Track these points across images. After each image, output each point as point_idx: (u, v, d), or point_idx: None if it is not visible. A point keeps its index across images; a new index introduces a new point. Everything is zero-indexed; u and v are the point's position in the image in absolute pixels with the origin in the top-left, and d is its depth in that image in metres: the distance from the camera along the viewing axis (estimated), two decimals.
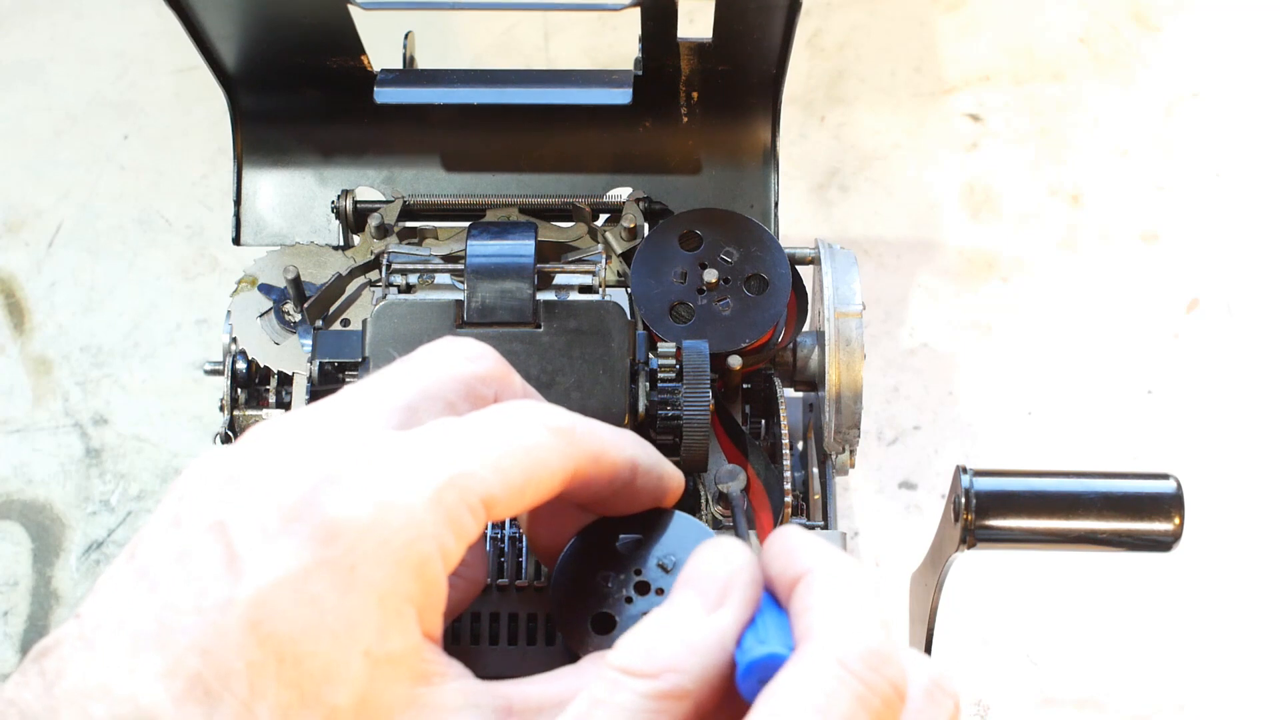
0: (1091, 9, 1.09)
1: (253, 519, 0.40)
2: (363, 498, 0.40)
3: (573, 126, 0.70)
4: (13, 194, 1.03)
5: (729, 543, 0.41)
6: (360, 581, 0.40)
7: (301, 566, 0.39)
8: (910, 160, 1.04)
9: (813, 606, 0.39)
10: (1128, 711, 0.87)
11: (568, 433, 0.44)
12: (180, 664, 0.39)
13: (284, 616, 0.39)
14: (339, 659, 0.39)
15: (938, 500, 0.92)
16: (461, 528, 0.42)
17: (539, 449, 0.43)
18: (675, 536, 0.50)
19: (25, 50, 1.08)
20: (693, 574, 0.41)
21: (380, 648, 0.40)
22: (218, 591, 0.39)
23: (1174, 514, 0.55)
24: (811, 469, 0.63)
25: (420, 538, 0.40)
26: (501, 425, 0.43)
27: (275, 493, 0.40)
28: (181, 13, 0.63)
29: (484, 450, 0.42)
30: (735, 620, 0.40)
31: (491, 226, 0.63)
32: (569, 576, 0.49)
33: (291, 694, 0.39)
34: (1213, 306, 0.99)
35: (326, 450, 0.41)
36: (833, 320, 0.62)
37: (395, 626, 0.40)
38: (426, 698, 0.41)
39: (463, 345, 0.46)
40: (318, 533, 0.40)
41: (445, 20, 1.08)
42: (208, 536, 0.40)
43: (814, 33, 1.08)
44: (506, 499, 0.43)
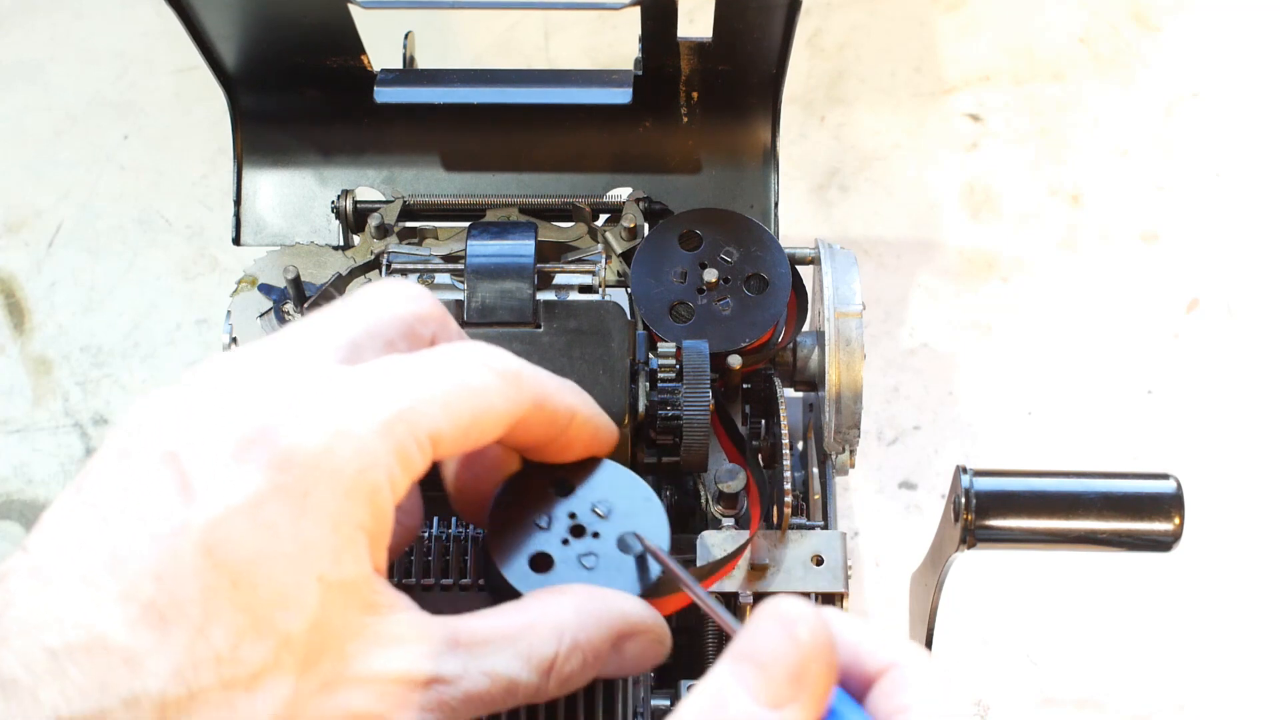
0: (1091, 9, 1.09)
1: (206, 448, 0.40)
2: (316, 427, 0.40)
3: (573, 126, 0.70)
4: (13, 194, 1.03)
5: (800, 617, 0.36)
6: (314, 508, 0.40)
7: (256, 493, 0.40)
8: (910, 160, 1.04)
9: (910, 708, 0.37)
10: (1128, 711, 0.87)
11: (514, 376, 0.45)
12: (134, 590, 0.39)
13: (238, 542, 0.39)
14: (292, 584, 0.40)
15: (938, 500, 0.92)
16: (409, 462, 0.42)
17: (486, 391, 0.44)
18: (607, 483, 0.50)
19: (25, 50, 1.08)
20: (756, 650, 0.37)
21: (333, 573, 0.40)
22: (171, 518, 0.39)
23: (1174, 514, 0.55)
24: (811, 469, 0.63)
25: (371, 466, 0.41)
26: (451, 365, 0.44)
27: (229, 422, 0.40)
28: (181, 13, 0.63)
29: (433, 388, 0.43)
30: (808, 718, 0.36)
31: (491, 226, 0.63)
32: (504, 517, 0.49)
33: (245, 618, 0.39)
34: (1213, 306, 0.99)
35: (278, 382, 0.42)
36: (833, 320, 0.62)
37: (348, 552, 0.41)
38: (377, 627, 0.41)
39: (402, 286, 0.46)
40: (272, 460, 0.40)
41: (445, 20, 1.08)
42: (160, 466, 0.40)
43: (814, 33, 1.08)
44: (452, 437, 0.43)
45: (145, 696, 0.38)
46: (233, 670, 0.39)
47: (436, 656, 0.42)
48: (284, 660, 0.40)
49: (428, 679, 0.42)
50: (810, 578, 0.56)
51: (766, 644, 0.36)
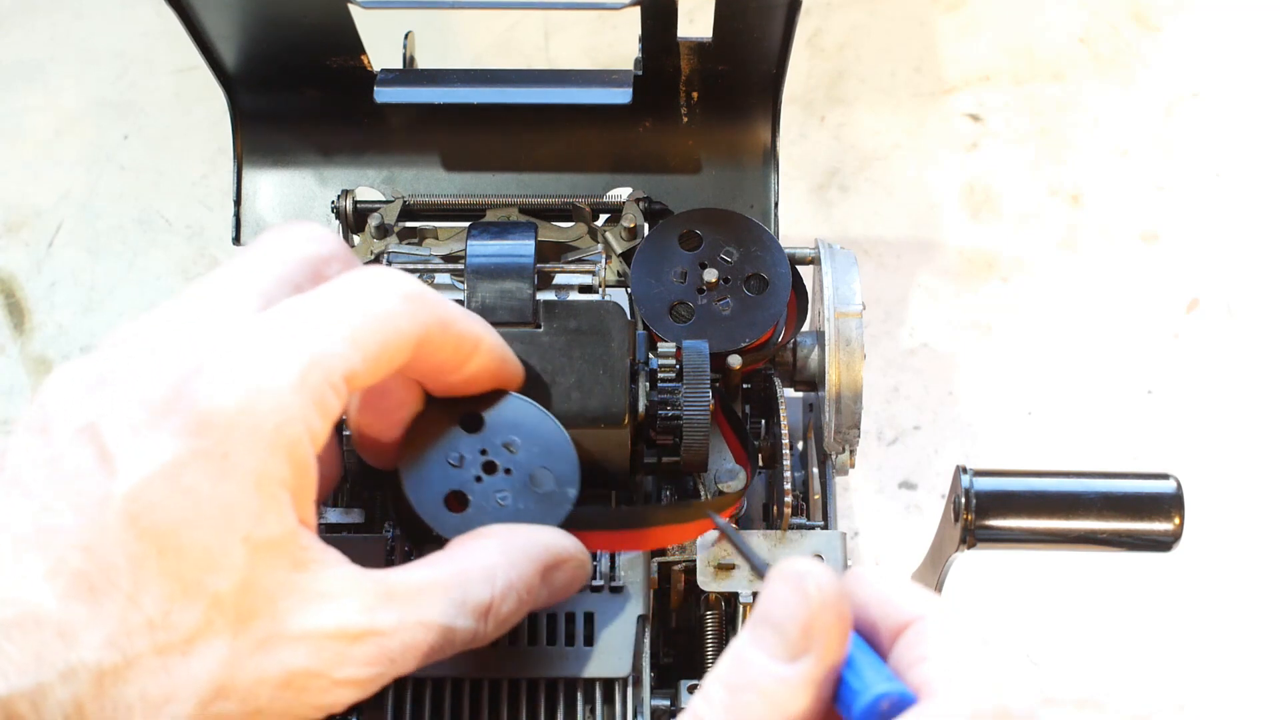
0: (1091, 9, 1.09)
1: (122, 417, 0.40)
2: (229, 386, 0.41)
3: (573, 126, 0.70)
4: (13, 194, 1.03)
5: (808, 570, 0.38)
6: (234, 469, 0.40)
7: (175, 458, 0.40)
8: (910, 160, 1.04)
9: (930, 656, 0.38)
10: (1128, 711, 0.87)
11: (417, 297, 0.45)
12: (63, 563, 0.39)
13: (161, 508, 0.40)
14: (218, 546, 0.40)
15: (938, 500, 0.92)
16: (326, 407, 0.42)
17: (392, 316, 0.44)
18: (515, 417, 0.51)
19: (25, 50, 1.08)
20: (770, 610, 0.38)
21: (259, 533, 0.41)
22: (94, 489, 0.40)
23: (1174, 514, 0.55)
24: (811, 469, 0.63)
25: (289, 420, 0.41)
26: (354, 295, 0.44)
27: (142, 389, 0.41)
28: (181, 13, 0.63)
29: (340, 324, 0.43)
30: (825, 669, 0.37)
31: (491, 226, 0.63)
32: (415, 456, 0.50)
33: (174, 584, 0.40)
34: (1213, 306, 0.99)
35: (189, 343, 0.42)
36: (833, 320, 0.62)
37: (272, 511, 0.41)
38: (308, 583, 0.42)
39: (303, 228, 0.47)
40: (188, 424, 0.40)
41: (445, 20, 1.08)
42: (78, 439, 0.40)
43: (814, 33, 1.08)
44: (365, 370, 0.43)
45: (82, 667, 0.39)
46: (166, 635, 0.40)
47: (371, 609, 0.43)
48: (216, 622, 0.40)
49: (363, 631, 0.42)
50: None
51: (778, 603, 0.37)
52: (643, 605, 0.54)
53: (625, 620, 0.53)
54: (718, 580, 0.56)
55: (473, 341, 0.48)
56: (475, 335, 0.48)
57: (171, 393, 0.41)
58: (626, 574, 0.54)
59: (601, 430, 0.55)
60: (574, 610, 0.53)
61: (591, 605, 0.54)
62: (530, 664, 0.53)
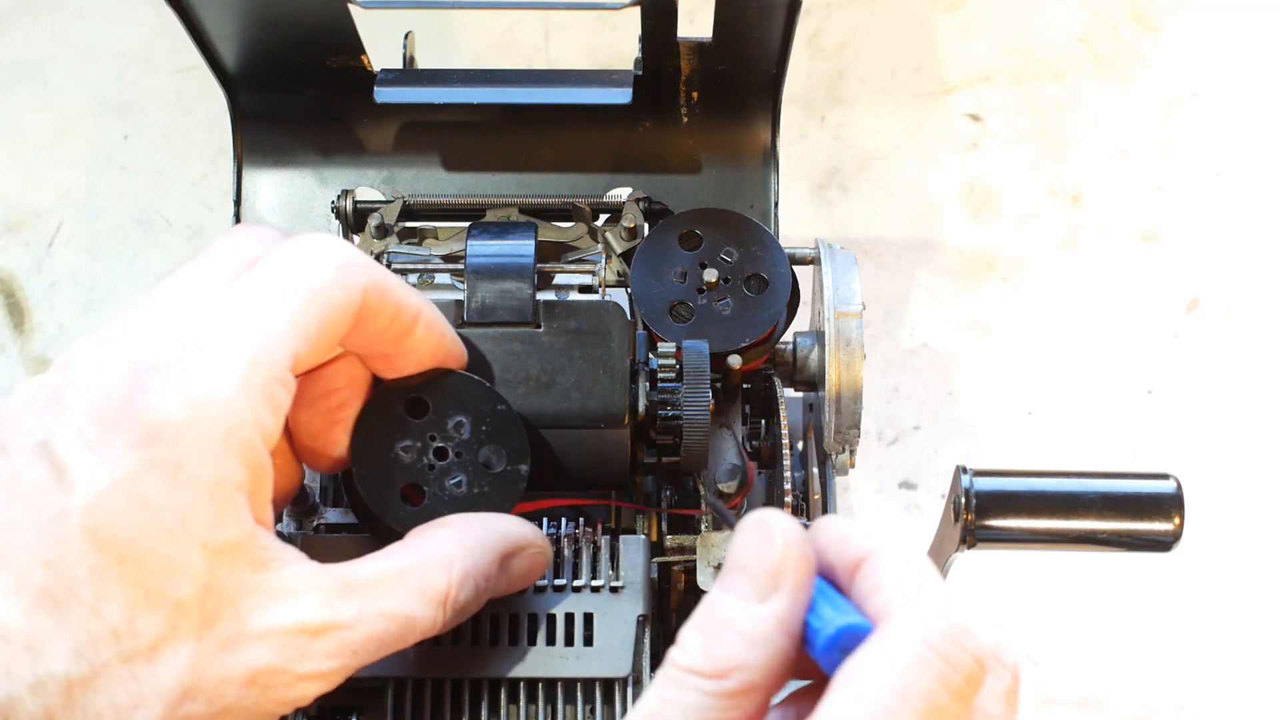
0: (1091, 9, 1.09)
1: (73, 432, 0.41)
2: (176, 396, 0.41)
3: (573, 126, 0.70)
4: (13, 194, 1.03)
5: (771, 520, 0.40)
6: (187, 477, 0.41)
7: (128, 470, 0.41)
8: (910, 160, 1.04)
9: (884, 585, 0.39)
10: (1128, 711, 0.87)
11: (351, 265, 0.45)
12: (25, 579, 0.40)
13: (119, 520, 0.40)
14: (177, 554, 0.41)
15: (938, 500, 0.92)
16: (275, 402, 0.43)
17: (328, 289, 0.45)
18: (458, 396, 0.51)
19: (25, 50, 1.08)
20: (739, 558, 0.40)
21: (216, 538, 0.41)
22: (51, 505, 0.40)
23: (1174, 514, 0.55)
24: (811, 469, 0.63)
25: (239, 425, 0.42)
26: (287, 276, 0.44)
27: (92, 405, 0.41)
28: (181, 12, 0.63)
29: (278, 314, 0.43)
30: (792, 605, 0.39)
31: (491, 226, 0.63)
32: (365, 451, 0.50)
33: (135, 592, 0.40)
34: (1213, 306, 0.99)
35: (134, 355, 0.42)
36: (833, 320, 0.62)
37: (228, 516, 0.42)
38: (268, 583, 0.43)
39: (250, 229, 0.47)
40: (138, 436, 0.41)
41: (445, 20, 1.08)
42: (34, 457, 0.41)
43: (814, 33, 1.08)
44: (310, 352, 0.44)
45: (50, 678, 0.40)
46: (131, 643, 0.40)
47: (331, 604, 0.43)
48: (180, 627, 0.41)
49: (324, 625, 0.43)
50: None
51: (746, 549, 0.40)
52: (643, 605, 0.54)
53: (625, 620, 0.53)
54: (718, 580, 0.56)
55: (412, 310, 0.48)
56: (414, 304, 0.48)
57: (120, 406, 0.41)
58: (626, 574, 0.54)
59: (601, 430, 0.55)
60: (574, 610, 0.54)
61: (591, 605, 0.54)
62: (530, 664, 0.53)
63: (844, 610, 0.39)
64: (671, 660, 0.39)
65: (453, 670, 0.53)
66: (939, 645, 0.38)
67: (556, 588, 0.54)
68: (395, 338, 0.48)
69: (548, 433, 0.55)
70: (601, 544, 0.55)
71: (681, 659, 0.39)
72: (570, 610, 0.54)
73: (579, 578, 0.54)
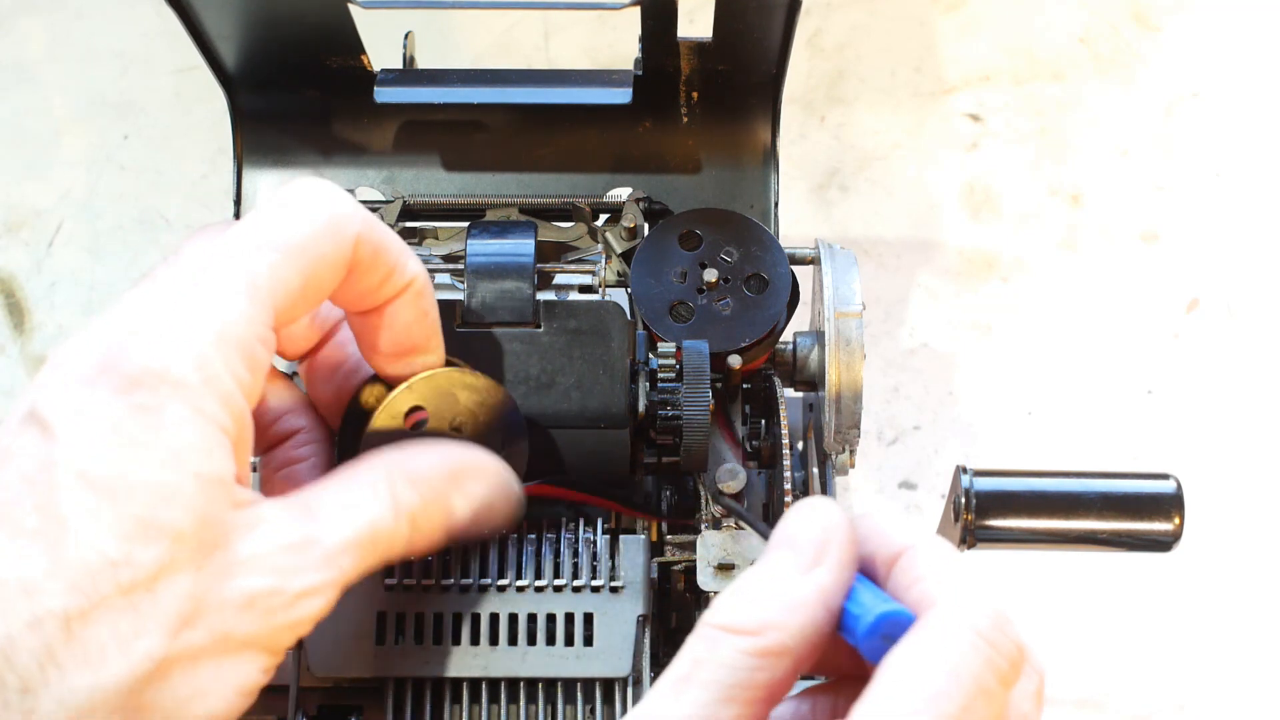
0: (1091, 9, 1.09)
1: (58, 394, 0.42)
2: (154, 350, 0.42)
3: (573, 126, 0.70)
4: (13, 194, 1.03)
5: (819, 502, 0.42)
6: (172, 416, 0.42)
7: (113, 415, 0.41)
8: (910, 160, 1.04)
9: (925, 576, 0.40)
10: (1128, 711, 0.87)
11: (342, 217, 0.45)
12: (18, 526, 0.41)
13: (108, 458, 0.41)
14: (171, 483, 0.41)
15: (938, 500, 0.92)
16: (255, 360, 0.44)
17: (315, 241, 0.45)
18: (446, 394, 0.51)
19: (25, 50, 1.08)
20: (785, 533, 0.41)
21: (208, 468, 0.42)
22: (40, 458, 0.41)
23: (1174, 514, 0.55)
24: (811, 469, 0.63)
25: (216, 376, 0.43)
26: (274, 227, 0.45)
27: (73, 370, 0.42)
28: (181, 12, 0.63)
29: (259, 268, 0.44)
30: (834, 579, 0.40)
31: (491, 226, 0.63)
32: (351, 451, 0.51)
33: (131, 524, 0.41)
34: (1213, 306, 0.99)
35: (114, 327, 0.43)
36: (833, 320, 0.62)
37: (218, 450, 0.43)
38: (249, 515, 0.44)
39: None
40: (121, 384, 0.42)
41: (445, 20, 1.08)
42: (23, 425, 0.42)
43: (814, 33, 1.08)
44: (293, 309, 0.45)
45: (47, 615, 0.40)
46: (130, 574, 0.41)
47: (301, 520, 0.44)
48: (179, 557, 0.41)
49: (303, 541, 0.44)
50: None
51: (795, 526, 0.41)
52: (643, 605, 0.54)
53: (625, 620, 0.53)
54: (718, 580, 0.56)
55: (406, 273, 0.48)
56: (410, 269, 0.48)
57: (101, 362, 0.42)
58: (626, 574, 0.54)
59: (601, 430, 0.55)
60: (574, 610, 0.54)
61: (591, 605, 0.54)
62: (530, 664, 0.53)
63: (884, 599, 0.40)
64: (704, 621, 0.40)
65: (453, 670, 0.53)
66: (986, 631, 0.39)
67: (556, 588, 0.54)
68: (382, 297, 0.48)
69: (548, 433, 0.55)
70: (601, 544, 0.55)
71: (715, 617, 0.40)
72: (570, 610, 0.54)
73: (579, 578, 0.54)
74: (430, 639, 0.53)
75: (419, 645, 0.53)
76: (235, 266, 0.44)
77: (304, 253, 0.44)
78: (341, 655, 0.53)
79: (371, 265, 0.47)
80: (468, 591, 0.54)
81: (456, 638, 0.53)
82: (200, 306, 0.43)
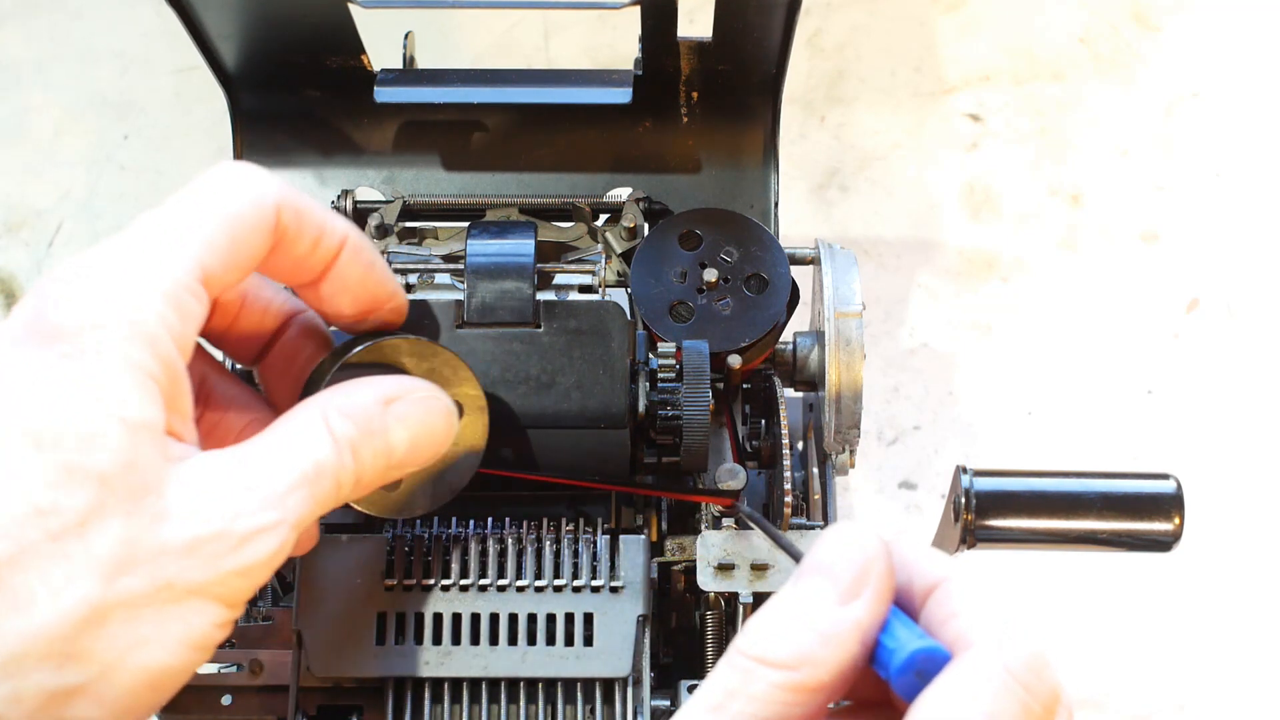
0: (1091, 9, 1.09)
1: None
2: (79, 299, 0.42)
3: (573, 126, 0.70)
4: (13, 194, 1.03)
5: (860, 530, 0.40)
6: (99, 363, 0.42)
7: (40, 364, 0.42)
8: (910, 160, 1.04)
9: (960, 613, 0.40)
10: (1128, 711, 0.87)
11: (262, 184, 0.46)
12: None
13: (33, 406, 0.41)
14: (95, 427, 0.41)
15: (938, 500, 0.92)
16: (185, 310, 0.44)
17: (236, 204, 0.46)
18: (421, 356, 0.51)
19: (25, 50, 1.08)
20: (823, 559, 0.40)
21: (132, 413, 0.42)
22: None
23: (1174, 514, 0.55)
24: (811, 469, 0.63)
25: (142, 321, 0.43)
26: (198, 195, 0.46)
27: (8, 327, 0.43)
28: (182, 12, 0.63)
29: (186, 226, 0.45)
30: (872, 613, 0.39)
31: (491, 226, 0.63)
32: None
33: (56, 470, 0.41)
34: (1213, 306, 0.99)
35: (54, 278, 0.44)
36: (833, 320, 0.62)
37: (144, 395, 0.42)
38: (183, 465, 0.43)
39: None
40: (45, 336, 0.42)
41: (445, 20, 1.08)
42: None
43: (814, 33, 1.08)
44: (222, 269, 0.45)
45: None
46: (59, 520, 0.41)
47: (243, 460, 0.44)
48: (107, 502, 0.41)
49: (245, 483, 0.44)
50: None
51: (834, 554, 0.40)
52: (643, 605, 0.54)
53: (625, 620, 0.53)
54: (718, 580, 0.56)
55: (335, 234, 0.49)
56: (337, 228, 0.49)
57: (27, 320, 0.43)
58: (626, 574, 0.54)
59: (601, 430, 0.55)
60: (574, 610, 0.54)
61: (591, 605, 0.54)
62: (530, 664, 0.53)
63: (918, 634, 0.39)
64: (738, 649, 0.39)
65: (452, 670, 0.53)
66: (1021, 674, 0.38)
67: (556, 588, 0.54)
68: (320, 263, 0.49)
69: (548, 433, 0.55)
70: (601, 544, 0.55)
71: (751, 647, 0.39)
72: (570, 610, 0.54)
73: (579, 578, 0.54)
74: (430, 639, 0.53)
75: (419, 645, 0.53)
76: (159, 224, 0.45)
77: (226, 213, 0.46)
78: (341, 655, 0.53)
79: (297, 231, 0.47)
80: (467, 591, 0.54)
81: (456, 638, 0.53)
82: (125, 260, 0.44)
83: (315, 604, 0.54)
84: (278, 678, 0.55)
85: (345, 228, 0.49)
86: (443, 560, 0.54)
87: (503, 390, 0.55)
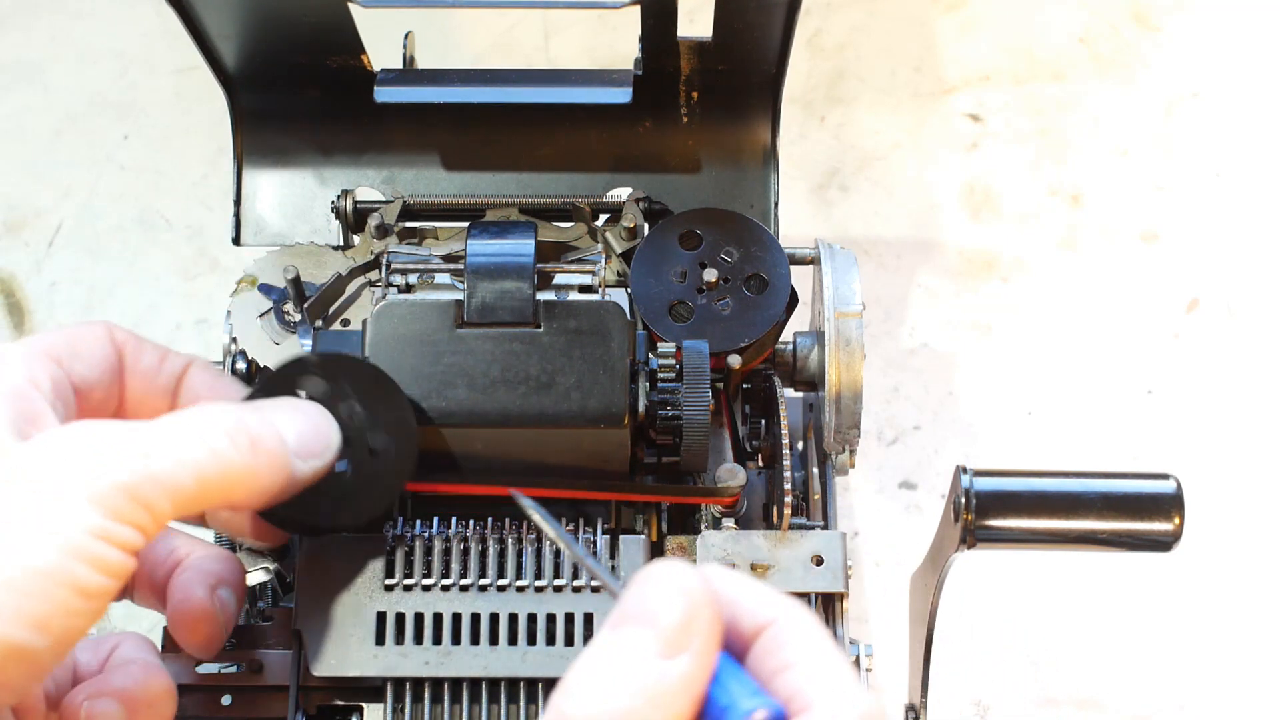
0: (1091, 9, 1.09)
1: None
2: None
3: (573, 126, 0.70)
4: (13, 194, 1.03)
5: (681, 570, 0.37)
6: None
7: None
8: (910, 160, 1.04)
9: (794, 665, 0.37)
10: (1128, 711, 0.87)
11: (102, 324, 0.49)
12: None
13: None
14: None
15: (938, 500, 0.92)
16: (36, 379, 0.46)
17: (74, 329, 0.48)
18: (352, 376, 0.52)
19: (25, 50, 1.08)
20: (643, 606, 0.37)
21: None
22: None
23: (1174, 514, 0.55)
24: (811, 469, 0.63)
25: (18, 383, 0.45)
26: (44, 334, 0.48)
27: None
28: (182, 12, 0.63)
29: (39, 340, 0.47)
30: (700, 669, 0.36)
31: (491, 226, 0.63)
32: None
33: None
34: (1213, 306, 0.99)
35: None
36: (833, 320, 0.62)
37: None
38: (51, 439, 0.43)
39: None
40: None
41: (445, 20, 1.08)
42: None
43: (814, 33, 1.08)
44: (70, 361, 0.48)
45: None
46: None
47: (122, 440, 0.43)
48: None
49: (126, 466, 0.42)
50: (810, 578, 0.56)
51: (654, 600, 0.36)
52: None
53: None
54: None
55: (174, 352, 0.51)
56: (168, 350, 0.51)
57: None
58: (626, 574, 0.54)
59: (601, 430, 0.55)
60: (574, 610, 0.54)
61: (591, 605, 0.54)
62: (530, 664, 0.53)
63: (750, 688, 0.36)
64: (557, 707, 0.36)
65: (452, 670, 0.53)
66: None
67: (556, 588, 0.54)
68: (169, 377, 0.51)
69: (548, 432, 0.55)
70: (601, 544, 0.55)
71: (571, 707, 0.36)
72: (570, 610, 0.54)
73: (579, 578, 0.54)
74: (430, 639, 0.53)
75: (419, 645, 0.53)
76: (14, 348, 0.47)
77: (62, 332, 0.48)
78: (341, 655, 0.53)
79: (136, 346, 0.50)
80: (467, 591, 0.54)
81: (456, 638, 0.53)
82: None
83: (315, 604, 0.54)
84: (278, 678, 0.55)
85: (187, 355, 0.51)
86: (443, 560, 0.54)
87: (503, 390, 0.55)
